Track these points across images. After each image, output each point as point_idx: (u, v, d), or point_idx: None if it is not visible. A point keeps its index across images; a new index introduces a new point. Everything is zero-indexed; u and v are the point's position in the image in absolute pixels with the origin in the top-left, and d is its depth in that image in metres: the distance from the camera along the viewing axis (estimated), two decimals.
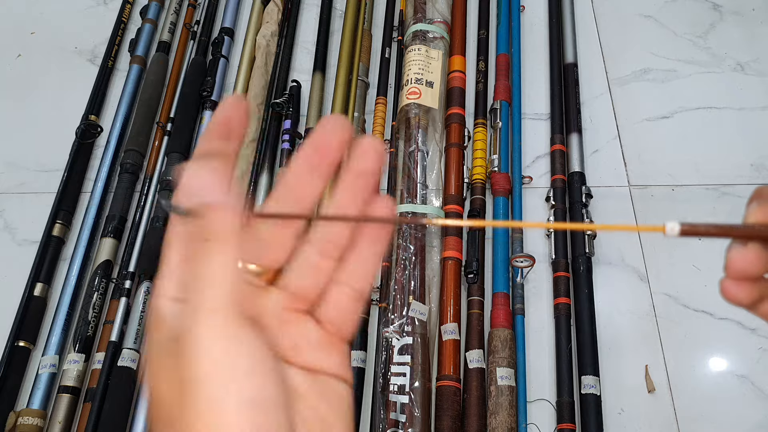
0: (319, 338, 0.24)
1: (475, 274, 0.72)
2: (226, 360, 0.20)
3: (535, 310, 0.74)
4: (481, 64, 0.89)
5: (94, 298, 0.74)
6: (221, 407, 0.20)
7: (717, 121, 0.86)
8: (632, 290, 0.75)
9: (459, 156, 0.81)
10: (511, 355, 0.68)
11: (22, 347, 0.72)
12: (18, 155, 0.90)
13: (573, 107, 0.85)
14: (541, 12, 0.96)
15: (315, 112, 0.87)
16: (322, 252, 0.24)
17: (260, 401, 0.20)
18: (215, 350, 0.20)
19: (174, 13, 0.98)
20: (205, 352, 0.20)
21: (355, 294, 0.25)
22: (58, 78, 0.98)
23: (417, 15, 0.90)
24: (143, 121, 0.87)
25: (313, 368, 0.24)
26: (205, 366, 0.20)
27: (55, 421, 0.68)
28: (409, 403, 0.65)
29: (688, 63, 0.91)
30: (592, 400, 0.66)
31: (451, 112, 0.84)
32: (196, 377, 0.20)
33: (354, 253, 0.24)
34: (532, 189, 0.82)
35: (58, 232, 0.80)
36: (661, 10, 0.96)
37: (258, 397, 0.20)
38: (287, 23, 0.96)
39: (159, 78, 0.92)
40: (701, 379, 0.70)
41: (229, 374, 0.20)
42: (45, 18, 1.04)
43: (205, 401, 0.20)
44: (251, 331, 0.21)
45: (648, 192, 0.81)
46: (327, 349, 0.24)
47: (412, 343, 0.67)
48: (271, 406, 0.20)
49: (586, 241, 0.74)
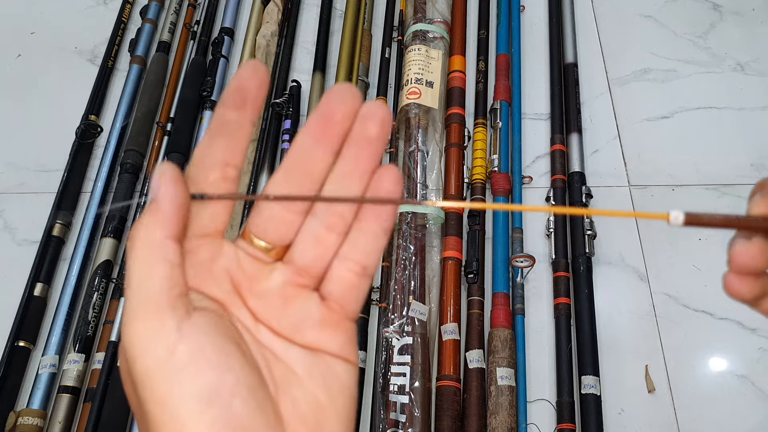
0: (322, 316, 0.24)
1: (475, 274, 0.72)
2: (165, 356, 0.20)
3: (535, 310, 0.74)
4: (481, 64, 0.89)
5: (94, 298, 0.74)
6: (172, 405, 0.19)
7: (717, 121, 0.86)
8: (632, 290, 0.75)
9: (459, 156, 0.81)
10: (511, 355, 0.68)
11: (22, 347, 0.72)
12: (18, 155, 0.90)
13: (573, 107, 0.85)
14: (541, 12, 0.96)
15: None
16: (328, 225, 0.23)
17: (215, 393, 0.19)
18: (151, 348, 0.20)
19: (174, 13, 0.98)
20: (141, 351, 0.20)
21: (361, 270, 0.24)
22: (58, 78, 0.98)
23: (417, 15, 0.90)
24: (143, 121, 0.87)
25: (316, 348, 0.23)
26: (145, 365, 0.20)
27: (55, 421, 0.68)
28: (409, 403, 0.64)
29: (688, 63, 0.91)
30: (592, 400, 0.66)
31: (451, 112, 0.84)
32: (142, 381, 0.20)
33: (360, 228, 0.23)
34: (533, 189, 0.82)
35: (58, 232, 0.80)
36: (661, 10, 0.96)
37: (211, 388, 0.20)
38: (287, 23, 0.96)
39: (159, 78, 0.92)
40: (701, 379, 0.70)
41: (172, 370, 0.20)
42: (45, 18, 1.04)
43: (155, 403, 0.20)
44: (200, 321, 0.21)
45: (648, 192, 0.81)
46: (331, 328, 0.24)
47: (412, 343, 0.67)
48: (230, 396, 0.20)
49: (586, 241, 0.74)
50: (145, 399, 0.20)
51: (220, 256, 0.23)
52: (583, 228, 0.75)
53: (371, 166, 0.23)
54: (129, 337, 0.20)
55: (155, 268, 0.21)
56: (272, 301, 0.23)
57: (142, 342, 0.20)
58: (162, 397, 0.19)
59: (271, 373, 0.22)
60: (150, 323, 0.20)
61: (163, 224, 0.21)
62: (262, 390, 0.21)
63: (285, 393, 0.22)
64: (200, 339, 0.20)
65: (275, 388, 0.22)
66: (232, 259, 0.24)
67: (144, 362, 0.20)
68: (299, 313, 0.23)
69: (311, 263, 0.24)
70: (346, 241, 0.24)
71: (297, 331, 0.23)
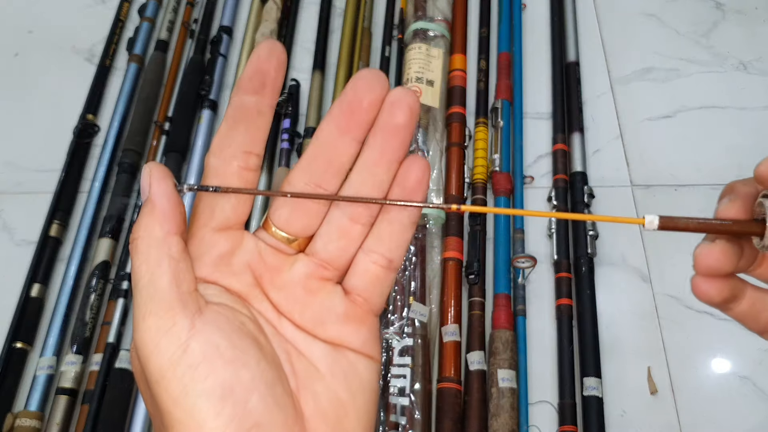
0: (346, 311, 0.23)
1: (476, 274, 0.71)
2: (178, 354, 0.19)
3: (537, 311, 0.73)
4: (483, 62, 0.88)
5: (91, 299, 0.74)
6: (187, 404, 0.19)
7: (719, 120, 0.86)
8: (634, 291, 0.75)
9: (460, 155, 0.80)
10: (512, 356, 0.67)
11: (20, 349, 0.72)
12: (15, 155, 0.90)
13: (575, 106, 0.85)
14: (543, 10, 0.96)
15: (314, 111, 0.86)
16: (352, 216, 0.23)
17: (230, 390, 0.19)
18: (163, 347, 0.19)
19: (172, 11, 0.97)
20: (153, 351, 0.19)
21: (387, 263, 0.23)
22: (55, 77, 0.97)
23: (417, 13, 0.89)
24: (141, 120, 0.86)
25: (339, 343, 0.23)
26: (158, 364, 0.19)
27: (52, 422, 0.67)
28: (409, 405, 0.64)
29: (690, 62, 0.91)
30: (594, 402, 0.66)
31: (451, 111, 0.83)
32: (156, 381, 0.19)
33: (385, 220, 0.23)
34: (534, 189, 0.81)
35: (56, 233, 0.79)
36: (663, 8, 0.96)
37: (227, 385, 0.19)
38: (286, 21, 0.96)
39: (157, 77, 0.91)
40: (704, 381, 0.70)
41: (185, 368, 0.19)
42: (43, 17, 1.04)
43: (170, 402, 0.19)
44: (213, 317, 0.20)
45: (650, 192, 0.81)
46: (355, 323, 0.23)
47: (412, 344, 0.67)
48: (247, 393, 0.19)
49: (589, 242, 0.74)
50: (160, 398, 0.19)
51: (240, 248, 0.23)
52: (585, 229, 0.74)
53: (399, 155, 0.22)
54: (140, 336, 0.20)
55: (160, 265, 0.20)
56: (295, 293, 0.23)
57: (153, 341, 0.20)
58: (177, 395, 0.19)
59: (293, 367, 0.22)
60: (161, 322, 0.20)
61: (162, 221, 0.21)
62: (281, 386, 0.21)
63: (306, 388, 0.22)
64: (213, 335, 0.20)
65: (297, 383, 0.22)
66: (253, 251, 0.23)
67: (157, 361, 0.19)
68: (322, 307, 0.23)
69: (335, 255, 0.23)
70: (372, 233, 0.23)
71: (320, 325, 0.23)
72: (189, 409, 0.19)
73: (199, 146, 0.85)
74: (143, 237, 0.21)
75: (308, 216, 0.23)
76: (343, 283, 0.24)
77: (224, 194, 0.22)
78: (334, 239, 0.23)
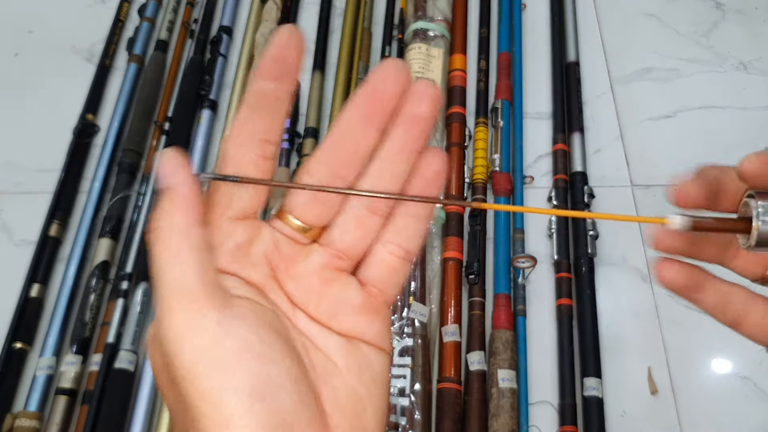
0: (361, 302, 0.23)
1: (476, 274, 0.71)
2: (207, 349, 0.19)
3: (537, 311, 0.73)
4: (482, 62, 0.88)
5: (91, 299, 0.73)
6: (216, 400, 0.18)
7: (719, 120, 0.86)
8: (635, 291, 0.74)
9: (460, 155, 0.80)
10: (512, 356, 0.67)
11: (19, 349, 0.72)
12: (15, 154, 0.90)
13: (575, 106, 0.85)
14: (543, 10, 0.96)
15: (314, 111, 0.86)
16: (370, 207, 0.22)
17: (260, 386, 0.19)
18: (192, 342, 0.19)
19: (172, 11, 0.97)
20: (181, 346, 0.19)
21: (402, 253, 0.23)
22: (55, 77, 0.97)
23: (417, 13, 0.89)
24: (141, 120, 0.86)
25: (353, 335, 0.22)
26: (186, 360, 0.19)
27: (52, 423, 0.67)
28: (409, 405, 0.64)
29: (690, 62, 0.91)
30: (595, 402, 0.66)
31: (451, 111, 0.83)
32: (182, 376, 0.19)
33: (402, 210, 0.23)
34: (534, 189, 0.81)
35: (55, 233, 0.79)
36: (663, 8, 0.96)
37: (256, 381, 0.19)
38: (286, 21, 0.96)
39: (157, 77, 0.91)
40: (704, 381, 0.70)
41: (214, 363, 0.19)
42: (43, 17, 1.03)
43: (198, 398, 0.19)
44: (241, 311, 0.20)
45: (650, 192, 0.81)
46: (369, 315, 0.23)
47: (412, 344, 0.67)
48: (276, 389, 0.19)
49: (589, 242, 0.74)
50: (187, 392, 0.19)
51: (257, 238, 0.22)
52: (585, 229, 0.74)
53: (419, 146, 0.22)
54: (167, 332, 0.19)
55: (184, 256, 0.20)
56: (309, 283, 0.22)
57: (182, 336, 0.19)
58: (205, 390, 0.19)
59: (312, 362, 0.21)
60: (188, 315, 0.19)
61: (184, 210, 0.20)
62: (305, 382, 0.20)
63: (326, 383, 0.21)
64: (242, 330, 0.19)
65: (316, 378, 0.21)
66: (269, 241, 0.23)
67: (185, 357, 0.19)
68: (338, 298, 0.23)
69: (351, 245, 0.23)
70: (389, 224, 0.23)
71: (334, 316, 0.22)
72: (217, 403, 0.18)
73: (199, 146, 0.85)
74: (165, 227, 0.20)
75: (325, 205, 0.22)
76: (359, 274, 0.23)
77: (237, 185, 0.22)
78: (351, 229, 0.23)
